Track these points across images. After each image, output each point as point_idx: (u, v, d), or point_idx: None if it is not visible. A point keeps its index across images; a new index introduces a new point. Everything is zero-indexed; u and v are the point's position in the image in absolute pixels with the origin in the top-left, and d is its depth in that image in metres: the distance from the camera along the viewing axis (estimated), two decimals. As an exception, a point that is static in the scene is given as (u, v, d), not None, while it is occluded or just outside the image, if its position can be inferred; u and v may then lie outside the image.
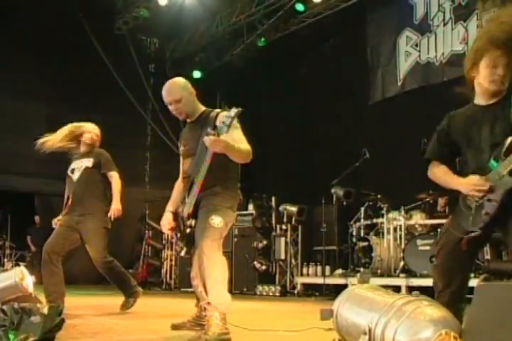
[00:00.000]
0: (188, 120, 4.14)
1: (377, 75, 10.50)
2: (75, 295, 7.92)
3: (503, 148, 2.95)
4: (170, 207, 4.15)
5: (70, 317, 4.45)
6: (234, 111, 3.56)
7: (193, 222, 3.88)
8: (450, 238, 3.10)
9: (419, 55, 9.86)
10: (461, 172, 3.18)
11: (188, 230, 3.90)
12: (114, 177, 5.74)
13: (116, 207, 5.59)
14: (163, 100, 4.04)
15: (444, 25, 9.49)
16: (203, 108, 4.14)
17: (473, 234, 2.96)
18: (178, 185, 4.25)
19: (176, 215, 4.05)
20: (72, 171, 5.78)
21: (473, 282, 6.90)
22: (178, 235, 4.02)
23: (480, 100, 3.19)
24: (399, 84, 10.11)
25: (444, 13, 9.52)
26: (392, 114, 9.91)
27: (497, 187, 2.92)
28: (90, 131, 5.88)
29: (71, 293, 5.72)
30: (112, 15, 11.98)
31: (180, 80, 4.11)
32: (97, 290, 9.19)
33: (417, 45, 9.92)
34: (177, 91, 3.99)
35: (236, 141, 3.76)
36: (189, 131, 4.15)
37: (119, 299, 5.80)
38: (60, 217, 5.66)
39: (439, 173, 3.26)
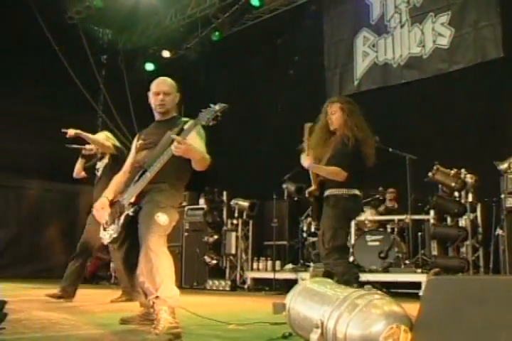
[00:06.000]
0: (158, 118, 4.16)
1: (336, 74, 10.54)
2: (17, 289, 7.76)
3: None
4: (107, 194, 4.08)
5: (15, 311, 4.34)
6: (220, 105, 3.55)
7: (132, 211, 3.82)
8: None
9: (377, 56, 9.95)
10: None
11: (122, 218, 3.84)
12: None
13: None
14: (152, 88, 4.07)
15: (401, 27, 9.60)
16: (175, 113, 4.19)
17: None
18: (119, 178, 4.20)
19: (111, 204, 3.99)
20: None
21: (418, 277, 7.07)
22: (114, 222, 3.92)
23: None
24: (355, 83, 10.19)
25: (400, 14, 9.64)
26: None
27: None
28: None
29: (13, 286, 5.58)
30: (64, 3, 11.71)
31: (172, 81, 4.20)
32: (38, 283, 8.97)
33: (374, 46, 10.01)
34: (170, 86, 4.12)
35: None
36: (154, 129, 4.16)
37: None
38: None
39: None
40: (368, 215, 8.21)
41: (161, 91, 4.05)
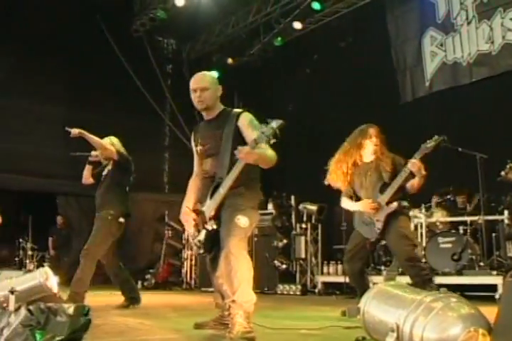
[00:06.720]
0: (206, 116, 4.12)
1: (406, 76, 10.36)
2: (95, 295, 7.97)
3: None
4: (187, 203, 4.11)
5: (93, 317, 4.45)
6: (278, 122, 3.53)
7: (214, 224, 3.84)
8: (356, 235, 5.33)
9: (446, 55, 9.71)
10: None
11: (206, 229, 3.86)
12: None
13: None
14: (190, 86, 4.04)
15: (468, 24, 9.34)
16: (222, 106, 4.12)
17: (371, 241, 5.18)
18: (194, 183, 4.23)
19: (196, 213, 4.00)
20: None
21: (493, 279, 6.85)
22: (200, 233, 3.95)
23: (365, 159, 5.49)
24: (427, 84, 9.99)
25: (466, 11, 9.37)
26: (412, 115, 9.86)
27: (381, 211, 5.12)
28: None
29: (88, 293, 5.71)
30: (129, 17, 12.04)
31: (212, 74, 4.21)
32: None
33: (442, 45, 9.78)
34: (206, 81, 4.04)
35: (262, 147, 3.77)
36: (207, 130, 4.09)
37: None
38: None
39: (345, 202, 5.63)
40: (439, 217, 8.04)
41: (198, 87, 3.98)
